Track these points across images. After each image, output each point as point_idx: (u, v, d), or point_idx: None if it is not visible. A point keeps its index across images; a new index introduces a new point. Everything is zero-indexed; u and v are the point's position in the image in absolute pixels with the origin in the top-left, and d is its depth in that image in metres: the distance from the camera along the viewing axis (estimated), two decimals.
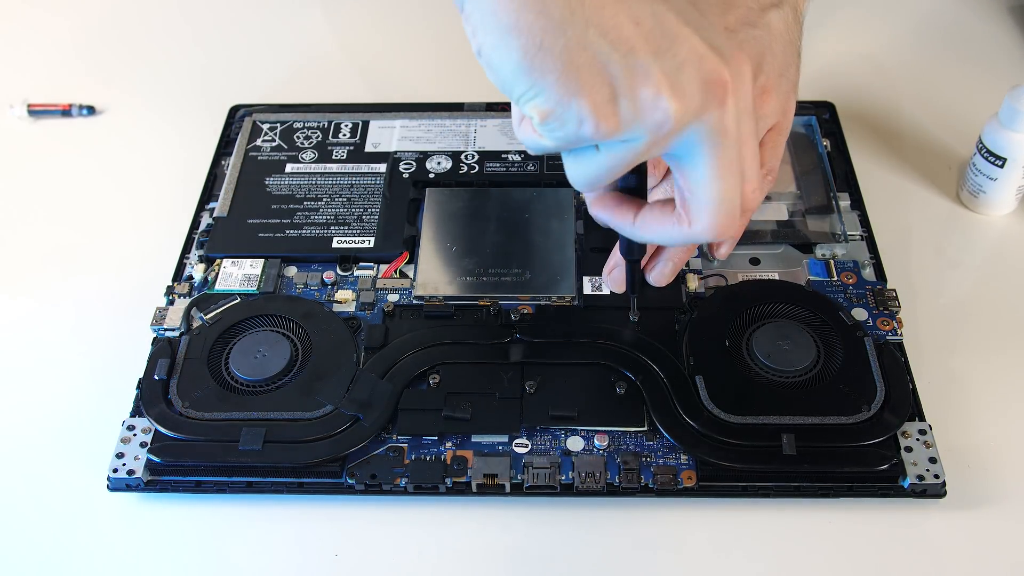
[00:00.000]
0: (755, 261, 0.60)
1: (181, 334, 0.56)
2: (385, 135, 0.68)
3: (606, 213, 0.45)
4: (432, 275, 0.59)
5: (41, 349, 0.58)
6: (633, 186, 0.45)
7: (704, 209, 0.41)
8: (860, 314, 0.56)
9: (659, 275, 0.52)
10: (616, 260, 0.53)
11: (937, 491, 0.49)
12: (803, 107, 0.69)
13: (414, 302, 0.58)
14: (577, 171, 0.42)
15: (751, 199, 0.42)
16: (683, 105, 0.37)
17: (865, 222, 0.62)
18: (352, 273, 0.60)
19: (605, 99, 0.37)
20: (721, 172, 0.40)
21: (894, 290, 0.57)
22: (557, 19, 0.36)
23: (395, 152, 0.67)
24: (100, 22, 0.82)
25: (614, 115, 0.37)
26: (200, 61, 0.78)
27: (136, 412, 0.53)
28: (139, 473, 0.50)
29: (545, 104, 0.38)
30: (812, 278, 0.58)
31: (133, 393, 0.53)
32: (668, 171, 0.53)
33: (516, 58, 0.37)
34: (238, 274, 0.59)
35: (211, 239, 0.61)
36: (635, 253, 0.50)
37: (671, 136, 0.38)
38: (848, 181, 0.65)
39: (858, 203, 0.63)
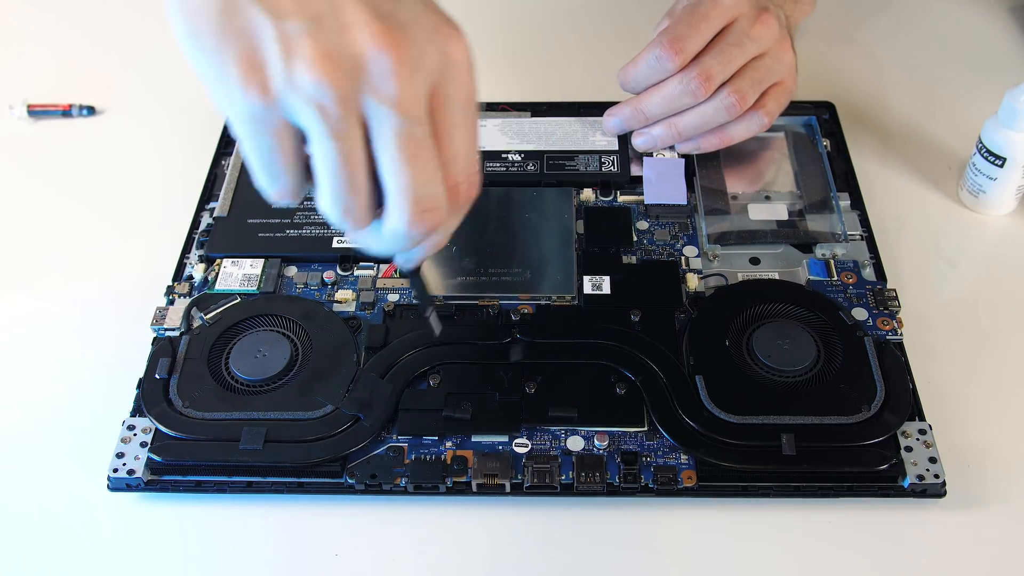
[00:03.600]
0: (755, 261, 0.60)
1: (181, 334, 0.56)
2: None
3: (359, 236, 0.42)
4: (432, 275, 0.59)
5: (41, 349, 0.58)
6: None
7: (391, 199, 0.39)
8: (860, 314, 0.56)
9: (646, 143, 0.62)
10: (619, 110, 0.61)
11: (937, 491, 0.49)
12: (803, 107, 0.69)
13: (414, 302, 0.58)
14: (323, 202, 0.39)
15: (460, 192, 0.40)
16: (333, 73, 0.36)
17: (865, 222, 0.62)
18: (352, 273, 0.60)
19: (256, 66, 0.36)
20: (402, 158, 0.37)
21: (894, 290, 0.57)
22: None
23: None
24: (100, 22, 0.82)
25: (265, 82, 0.36)
26: None
27: (136, 412, 0.53)
28: (139, 473, 0.50)
29: (207, 74, 0.37)
30: (812, 278, 0.58)
31: (133, 393, 0.53)
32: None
33: (181, 23, 0.37)
34: (238, 274, 0.59)
35: (211, 239, 0.61)
36: (406, 272, 0.48)
37: (346, 113, 0.36)
38: (848, 181, 0.65)
39: (858, 203, 0.63)
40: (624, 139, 0.66)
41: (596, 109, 0.68)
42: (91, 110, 0.73)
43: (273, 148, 0.38)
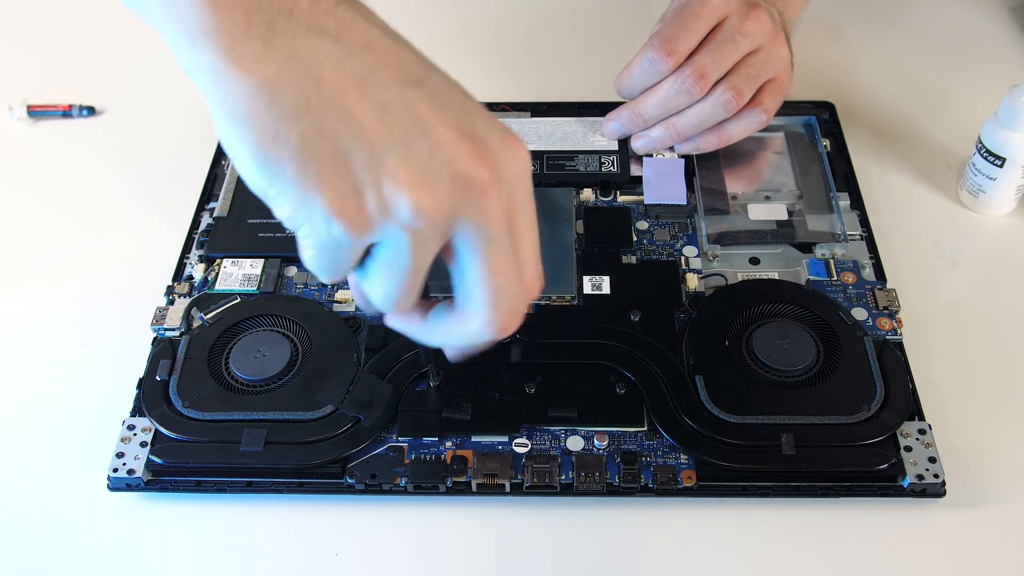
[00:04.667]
0: (755, 261, 0.60)
1: (181, 334, 0.56)
2: None
3: (398, 320, 0.42)
4: (432, 275, 0.58)
5: (41, 349, 0.58)
6: (427, 295, 0.43)
7: (481, 308, 0.39)
8: (860, 314, 0.56)
9: (645, 146, 0.62)
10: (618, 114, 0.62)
11: (937, 491, 0.49)
12: (803, 107, 0.69)
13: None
14: (375, 293, 0.39)
15: (532, 289, 0.40)
16: (429, 197, 0.35)
17: (865, 222, 0.62)
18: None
19: (348, 192, 0.35)
20: (494, 270, 0.38)
21: (894, 290, 0.57)
22: (290, 106, 0.34)
23: None
24: (100, 22, 0.82)
25: (358, 210, 0.35)
26: None
27: (136, 412, 0.53)
28: (139, 473, 0.50)
29: (287, 203, 0.35)
30: (812, 278, 0.58)
31: (133, 393, 0.53)
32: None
33: (251, 149, 0.34)
34: (238, 274, 0.59)
35: (211, 239, 0.61)
36: (430, 359, 0.51)
37: (434, 232, 0.36)
38: (848, 181, 0.65)
39: (858, 203, 0.63)
40: (624, 139, 0.66)
41: (596, 109, 0.68)
42: (91, 110, 0.73)
43: (344, 263, 0.37)
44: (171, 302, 0.58)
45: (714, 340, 0.54)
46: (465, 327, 0.40)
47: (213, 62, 0.34)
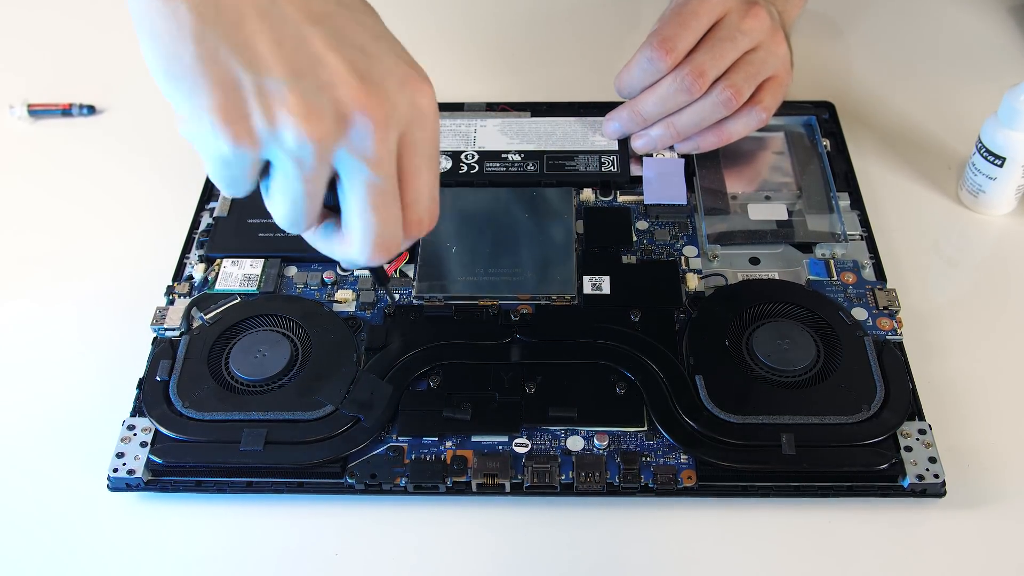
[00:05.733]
0: (755, 261, 0.60)
1: (181, 334, 0.56)
2: None
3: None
4: (432, 275, 0.59)
5: (41, 349, 0.58)
6: (331, 204, 0.44)
7: (355, 235, 0.41)
8: (860, 314, 0.56)
9: (645, 146, 0.63)
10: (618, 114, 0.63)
11: (937, 491, 0.49)
12: (803, 107, 0.69)
13: (414, 302, 0.58)
14: (273, 211, 0.42)
15: (418, 226, 0.43)
16: (315, 127, 0.38)
17: (865, 222, 0.62)
18: (352, 273, 0.60)
19: (236, 113, 0.38)
20: (369, 202, 0.40)
21: (894, 290, 0.57)
22: (189, 28, 0.37)
23: None
24: (100, 22, 0.82)
25: (247, 131, 0.38)
26: None
27: (136, 412, 0.53)
28: (139, 473, 0.50)
29: (182, 112, 0.39)
30: (812, 278, 0.58)
31: (133, 393, 0.53)
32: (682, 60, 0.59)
33: (159, 65, 0.38)
34: (238, 274, 0.59)
35: (211, 239, 0.61)
36: (382, 281, 0.53)
37: (319, 160, 0.38)
38: (848, 181, 0.65)
39: (858, 203, 0.63)
40: (624, 139, 0.66)
41: (596, 109, 0.68)
42: (91, 110, 0.73)
43: (240, 178, 0.40)
44: (171, 302, 0.58)
45: (714, 340, 0.54)
46: (343, 248, 0.43)
47: None
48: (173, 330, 0.56)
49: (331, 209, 0.43)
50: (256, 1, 0.38)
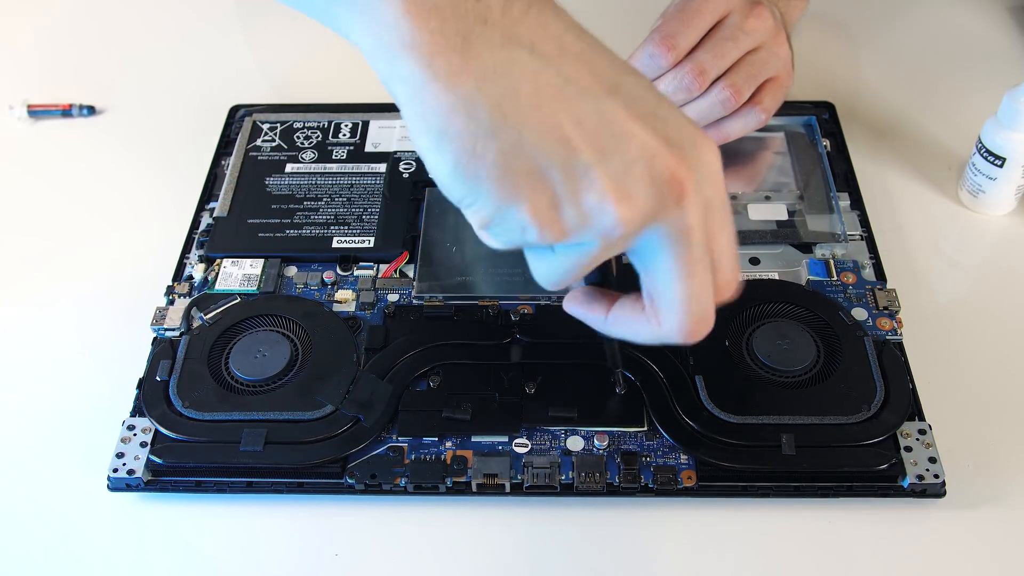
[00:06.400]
0: (755, 261, 0.60)
1: (181, 334, 0.56)
2: (385, 135, 0.68)
3: (579, 309, 0.43)
4: (432, 275, 0.59)
5: (41, 349, 0.58)
6: (598, 282, 0.44)
7: (671, 311, 0.39)
8: (860, 314, 0.56)
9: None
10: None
11: (937, 491, 0.49)
12: (803, 107, 0.69)
13: (414, 302, 0.58)
14: (539, 271, 0.40)
15: (726, 289, 0.40)
16: (632, 209, 0.35)
17: (865, 222, 0.62)
18: (352, 273, 0.60)
19: (546, 205, 0.35)
20: (687, 273, 0.38)
21: (894, 290, 0.57)
22: (487, 123, 0.34)
23: (395, 152, 0.67)
24: (100, 22, 0.82)
25: (557, 222, 0.35)
26: (200, 61, 0.78)
27: (136, 412, 0.53)
28: (139, 473, 0.50)
29: (483, 211, 0.36)
30: (812, 278, 0.58)
31: (133, 393, 0.53)
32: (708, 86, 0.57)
33: (450, 163, 0.35)
34: (238, 274, 0.59)
35: (211, 239, 0.61)
36: (616, 364, 0.52)
37: (627, 239, 0.36)
38: (848, 181, 0.65)
39: (858, 203, 0.63)
40: None
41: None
42: (91, 110, 0.73)
43: (570, 270, 0.38)
44: (171, 302, 0.58)
45: (714, 340, 0.54)
46: (652, 328, 0.40)
47: (411, 74, 0.34)
48: (173, 330, 0.56)
49: (608, 292, 0.42)
50: (551, 81, 0.35)
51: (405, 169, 0.65)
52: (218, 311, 0.56)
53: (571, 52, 0.36)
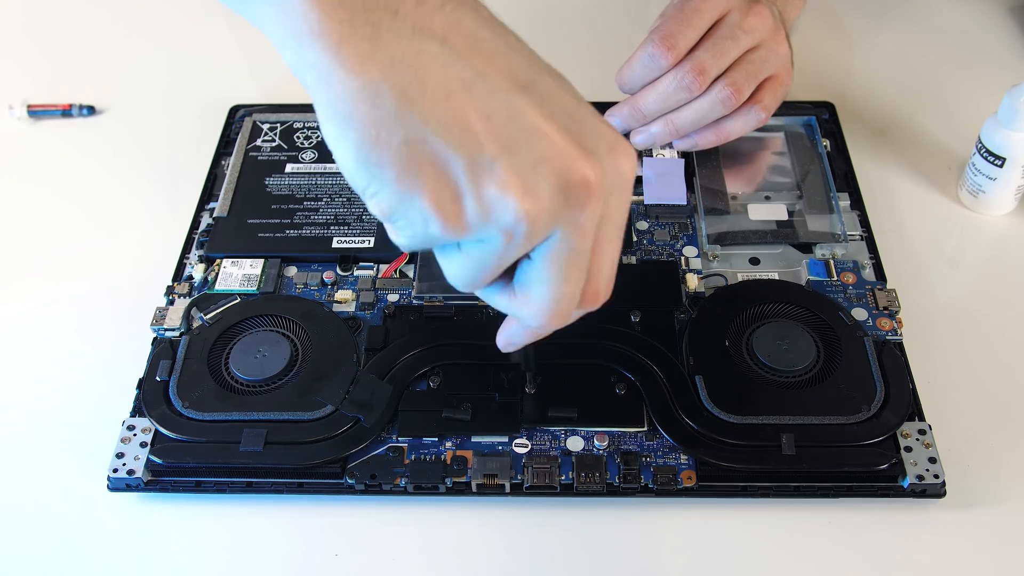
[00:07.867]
0: (755, 261, 0.60)
1: (181, 334, 0.56)
2: None
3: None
4: (432, 275, 0.59)
5: (41, 349, 0.58)
6: None
7: (533, 302, 0.39)
8: (860, 314, 0.56)
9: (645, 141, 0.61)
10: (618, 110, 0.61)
11: (937, 491, 0.49)
12: (803, 107, 0.69)
13: (414, 302, 0.58)
14: (448, 271, 0.39)
15: (592, 300, 0.40)
16: (536, 204, 0.35)
17: (865, 222, 0.62)
18: (352, 273, 0.60)
19: (448, 198, 0.35)
20: (563, 277, 0.37)
21: (894, 290, 0.57)
22: (391, 111, 0.34)
23: None
24: (99, 22, 0.82)
25: (459, 215, 0.35)
26: (200, 61, 0.78)
27: (136, 412, 0.53)
28: (139, 473, 0.50)
29: (385, 201, 0.35)
30: (812, 278, 0.58)
31: (133, 393, 0.53)
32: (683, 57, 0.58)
33: (353, 150, 0.35)
34: (238, 274, 0.59)
35: (211, 239, 0.61)
36: (529, 366, 0.52)
37: (531, 238, 0.36)
38: (848, 181, 0.65)
39: (858, 203, 0.63)
40: (624, 135, 0.66)
41: (596, 108, 0.68)
42: (91, 110, 0.73)
43: (430, 246, 0.38)
44: (171, 302, 0.58)
45: (714, 340, 0.54)
46: (508, 302, 0.40)
47: (319, 61, 0.34)
48: (173, 330, 0.56)
49: None
50: (461, 74, 0.35)
51: None
52: (218, 311, 0.56)
53: (486, 48, 0.36)
